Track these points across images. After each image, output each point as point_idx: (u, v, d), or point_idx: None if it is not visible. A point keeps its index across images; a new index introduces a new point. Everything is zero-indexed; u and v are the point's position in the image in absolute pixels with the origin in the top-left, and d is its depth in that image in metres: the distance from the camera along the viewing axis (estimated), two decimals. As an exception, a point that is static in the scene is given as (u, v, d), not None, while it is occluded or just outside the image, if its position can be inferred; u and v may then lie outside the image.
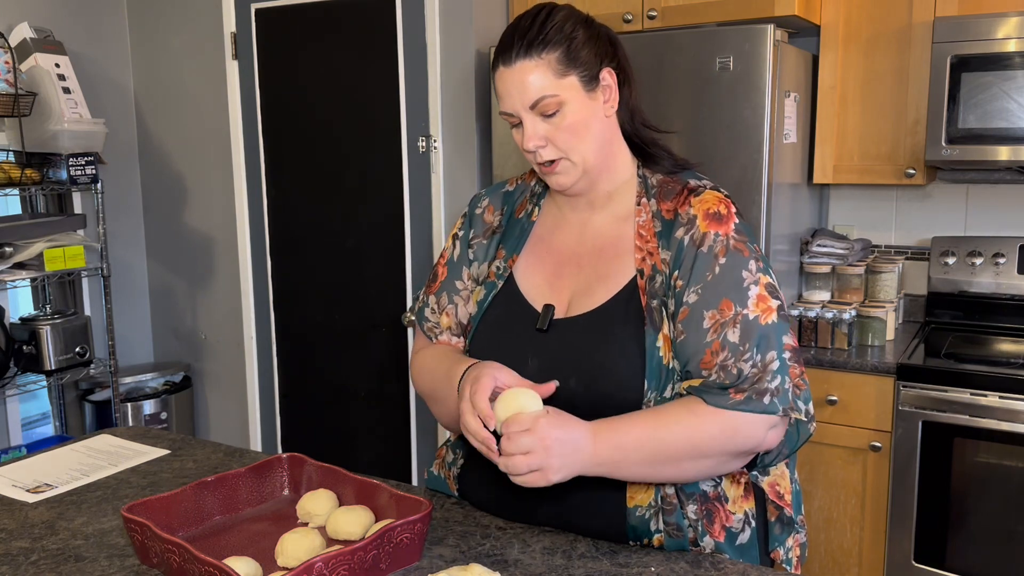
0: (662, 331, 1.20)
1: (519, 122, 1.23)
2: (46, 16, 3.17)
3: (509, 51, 1.21)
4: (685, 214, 1.23)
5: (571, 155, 1.24)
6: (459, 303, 1.39)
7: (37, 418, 3.48)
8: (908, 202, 2.90)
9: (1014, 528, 2.26)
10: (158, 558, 1.14)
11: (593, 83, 1.24)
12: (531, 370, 1.24)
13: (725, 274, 1.18)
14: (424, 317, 1.43)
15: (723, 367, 1.15)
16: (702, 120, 2.42)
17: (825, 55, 2.64)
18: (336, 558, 1.06)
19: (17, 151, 2.97)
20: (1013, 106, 2.33)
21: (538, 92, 1.20)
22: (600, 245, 1.29)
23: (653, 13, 2.61)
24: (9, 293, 3.21)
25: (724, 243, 1.20)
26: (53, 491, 1.47)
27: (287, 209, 3.25)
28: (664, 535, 1.21)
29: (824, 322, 2.56)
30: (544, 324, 1.26)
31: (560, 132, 1.22)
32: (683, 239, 1.22)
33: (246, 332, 3.40)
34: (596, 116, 1.25)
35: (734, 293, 1.17)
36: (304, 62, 3.10)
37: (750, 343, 1.15)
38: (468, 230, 1.42)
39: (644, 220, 1.27)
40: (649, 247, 1.24)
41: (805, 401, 1.18)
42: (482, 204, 1.43)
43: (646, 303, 1.21)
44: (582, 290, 1.27)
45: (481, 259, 1.39)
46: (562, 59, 1.20)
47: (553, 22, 1.21)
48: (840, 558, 2.53)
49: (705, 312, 1.17)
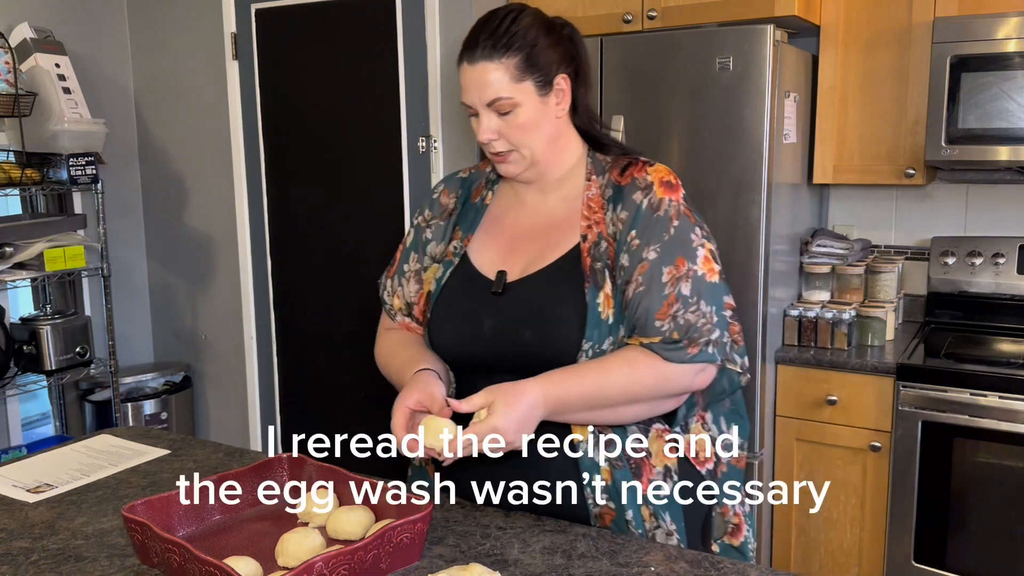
0: (603, 290, 1.31)
1: (475, 114, 1.36)
2: (46, 16, 3.17)
3: (474, 49, 1.32)
4: (642, 179, 1.35)
5: (521, 149, 1.35)
6: (405, 284, 1.51)
7: (37, 418, 3.48)
8: (908, 202, 2.90)
9: (1014, 528, 2.26)
10: (158, 558, 1.14)
11: (547, 88, 1.34)
12: (487, 330, 1.35)
13: (679, 235, 1.32)
14: (384, 300, 1.56)
15: (674, 317, 1.28)
16: (702, 120, 2.42)
17: (825, 55, 2.64)
18: (336, 558, 1.06)
19: (17, 151, 2.97)
20: (1013, 106, 2.33)
21: (495, 93, 1.31)
22: (551, 222, 1.40)
23: (653, 13, 2.62)
24: (9, 293, 3.21)
25: (677, 208, 1.33)
26: (53, 491, 1.47)
27: (287, 209, 3.25)
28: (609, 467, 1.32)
29: (824, 322, 2.56)
30: (499, 287, 1.36)
31: (512, 129, 1.34)
32: (642, 202, 1.33)
33: (246, 332, 3.40)
34: (547, 117, 1.36)
35: (686, 252, 1.31)
36: (304, 62, 3.10)
37: (699, 296, 1.29)
38: (421, 215, 1.54)
39: (593, 193, 1.38)
40: (595, 217, 1.36)
41: (741, 355, 1.34)
42: (439, 190, 1.54)
43: (589, 264, 1.33)
44: (532, 259, 1.38)
45: (439, 239, 1.49)
46: (521, 64, 1.31)
47: (518, 27, 1.31)
48: (840, 558, 2.53)
49: (663, 268, 1.30)
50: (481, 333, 1.35)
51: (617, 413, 1.30)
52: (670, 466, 1.36)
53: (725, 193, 2.41)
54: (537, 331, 1.31)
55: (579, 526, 1.30)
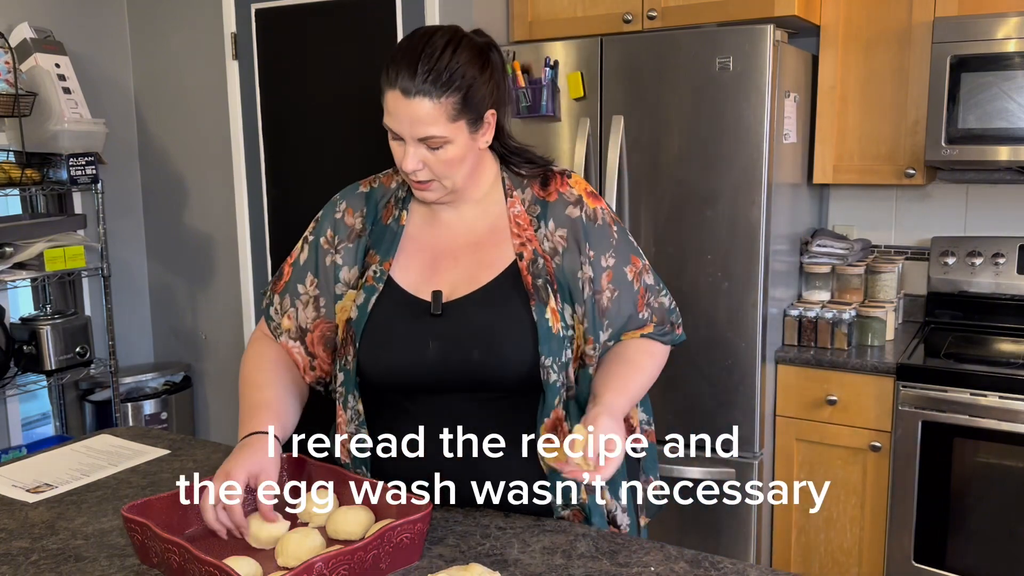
0: (549, 304, 1.33)
1: (399, 139, 1.29)
2: (46, 16, 3.17)
3: (411, 81, 1.23)
4: (569, 193, 1.39)
5: (443, 180, 1.32)
6: (299, 307, 1.44)
7: (37, 418, 3.48)
8: (908, 202, 2.90)
9: (1014, 528, 2.26)
10: (158, 558, 1.14)
11: (478, 124, 1.31)
12: (432, 353, 1.32)
13: (620, 238, 1.41)
14: (270, 316, 1.48)
15: (650, 305, 1.43)
16: (702, 120, 2.42)
17: (825, 55, 2.64)
18: (336, 558, 1.06)
19: (17, 151, 2.97)
20: (1013, 106, 2.33)
21: (429, 131, 1.26)
22: (474, 238, 1.39)
23: (653, 13, 2.62)
24: (9, 293, 3.21)
25: (609, 215, 1.41)
26: (53, 491, 1.47)
27: (287, 209, 3.25)
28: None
29: (824, 322, 2.56)
30: (438, 308, 1.34)
31: (439, 163, 1.29)
32: (579, 216, 1.38)
33: (246, 332, 3.39)
34: (472, 151, 1.33)
35: (632, 249, 1.42)
36: (304, 62, 3.10)
37: (656, 282, 1.46)
38: (319, 236, 1.45)
39: (519, 211, 1.38)
40: (526, 235, 1.37)
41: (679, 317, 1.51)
42: (340, 208, 1.47)
43: (531, 282, 1.34)
44: (463, 278, 1.36)
45: (351, 263, 1.42)
46: (458, 104, 1.26)
47: (458, 64, 1.25)
48: (840, 558, 2.53)
49: (624, 268, 1.39)
50: (424, 357, 1.31)
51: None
52: None
53: (725, 193, 2.41)
54: (486, 351, 1.30)
55: (579, 526, 1.30)
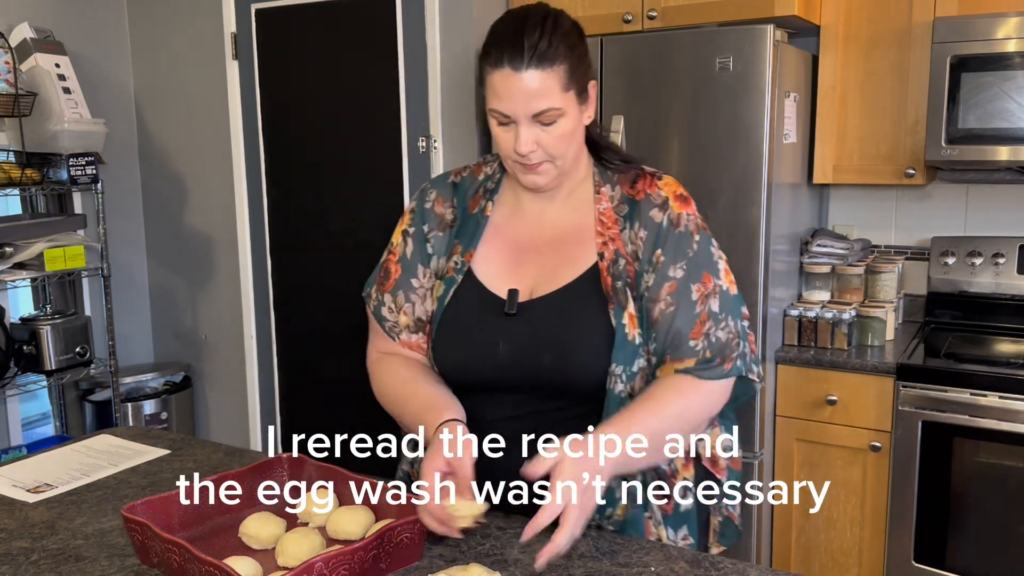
0: (627, 310, 1.28)
1: (509, 123, 1.25)
2: (46, 16, 3.17)
3: (519, 56, 1.20)
4: (656, 195, 1.32)
5: (556, 160, 1.28)
6: (416, 301, 1.41)
7: (37, 418, 3.48)
8: (908, 202, 2.90)
9: (1014, 528, 2.26)
10: (158, 558, 1.14)
11: (584, 95, 1.28)
12: (502, 353, 1.29)
13: (701, 250, 1.30)
14: (383, 316, 1.45)
15: (707, 335, 1.27)
16: (702, 120, 2.42)
17: (825, 55, 2.64)
18: (336, 558, 1.06)
19: (17, 151, 2.97)
20: (1013, 106, 2.33)
21: (546, 104, 1.22)
22: (559, 234, 1.35)
23: (653, 13, 2.61)
24: (9, 293, 3.21)
25: (695, 222, 1.32)
26: (53, 491, 1.47)
27: (287, 209, 3.25)
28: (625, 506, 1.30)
29: (824, 322, 2.56)
30: (512, 308, 1.30)
31: (552, 139, 1.26)
32: (661, 220, 1.30)
33: (246, 332, 3.40)
34: (580, 126, 1.30)
35: (710, 267, 1.30)
36: (304, 62, 3.10)
37: (726, 312, 1.29)
38: (420, 225, 1.43)
39: (605, 207, 1.33)
40: (611, 233, 1.31)
41: (757, 364, 1.34)
42: (430, 197, 1.44)
43: (611, 284, 1.28)
44: (544, 275, 1.32)
45: (441, 253, 1.40)
46: (568, 73, 1.23)
47: (560, 35, 1.23)
48: (840, 558, 2.53)
49: (692, 285, 1.28)
50: (495, 358, 1.29)
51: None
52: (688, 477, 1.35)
53: (725, 193, 2.41)
54: (559, 356, 1.26)
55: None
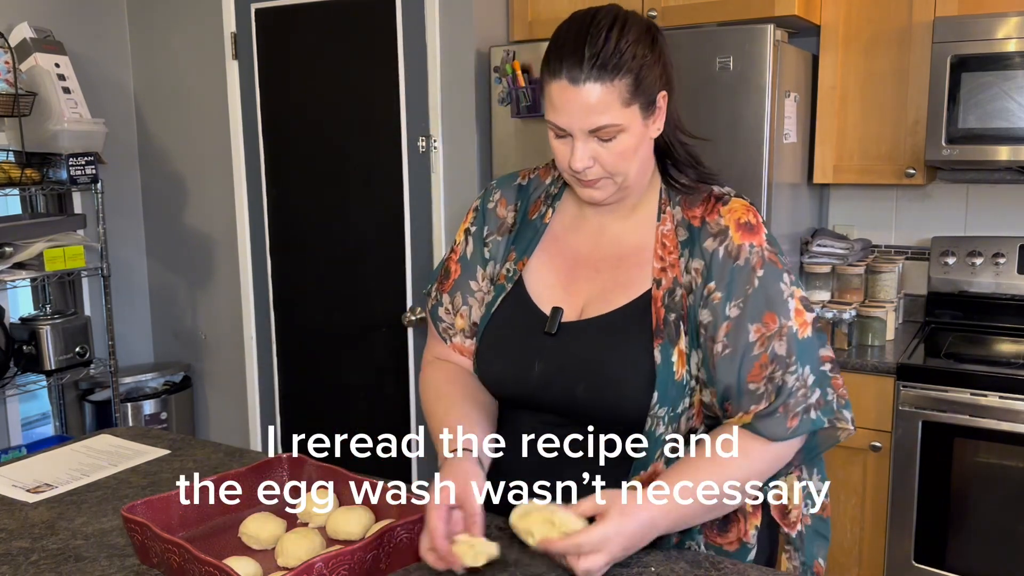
0: (678, 345, 1.18)
1: (565, 135, 1.18)
2: (46, 16, 3.16)
3: (578, 68, 1.13)
4: (715, 223, 1.21)
5: (615, 176, 1.21)
6: (473, 305, 1.36)
7: (37, 418, 3.48)
8: (908, 202, 2.90)
9: (1014, 528, 2.26)
10: (158, 558, 1.14)
11: (651, 108, 1.19)
12: (536, 374, 1.24)
13: (764, 287, 1.17)
14: (439, 317, 1.40)
15: (770, 379, 1.15)
16: (702, 120, 2.42)
17: (825, 55, 2.64)
18: (336, 558, 1.06)
19: (17, 151, 2.96)
20: (1013, 106, 2.33)
21: (605, 120, 1.15)
22: (619, 252, 1.27)
23: (653, 13, 2.61)
24: (9, 293, 3.21)
25: (760, 255, 1.18)
26: (53, 491, 1.47)
27: (287, 209, 3.25)
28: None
29: (824, 322, 2.56)
30: (552, 328, 1.24)
31: (611, 155, 1.18)
32: (717, 250, 1.19)
33: (246, 332, 3.39)
34: (645, 140, 1.21)
35: (776, 306, 1.17)
36: (304, 62, 3.10)
37: (795, 356, 1.16)
38: (482, 225, 1.38)
39: (668, 229, 1.24)
40: (670, 259, 1.22)
41: (847, 409, 1.21)
42: (494, 198, 1.38)
43: (663, 315, 1.19)
44: (596, 295, 1.25)
45: (497, 259, 1.35)
46: (631, 87, 1.15)
47: (627, 43, 1.14)
48: (840, 558, 2.53)
49: (750, 326, 1.16)
50: (530, 376, 1.24)
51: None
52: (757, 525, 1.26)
53: (725, 193, 2.41)
54: (592, 389, 1.19)
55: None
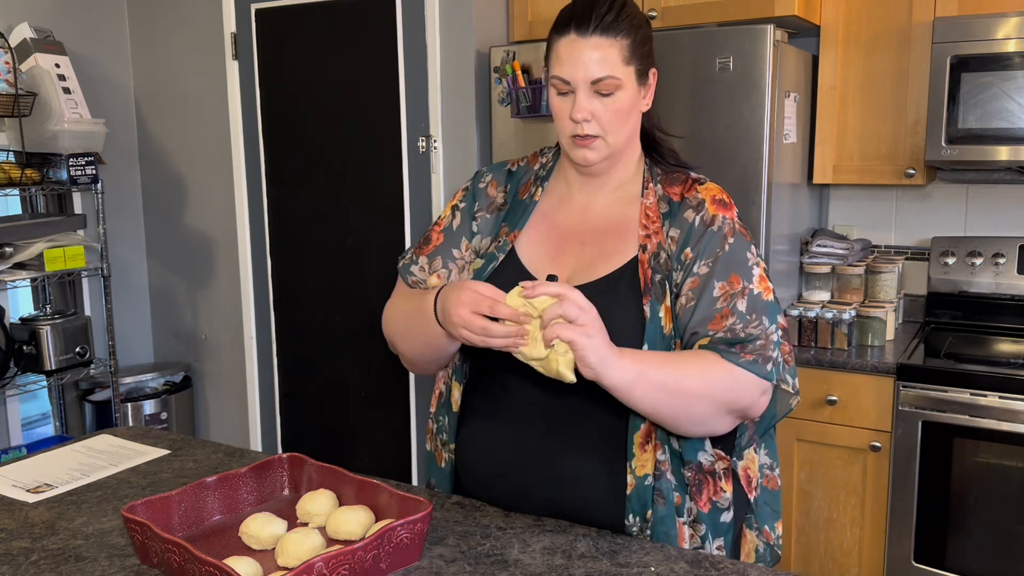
0: (664, 303, 1.28)
1: (569, 91, 1.29)
2: (46, 16, 3.17)
3: (586, 23, 1.26)
4: (693, 198, 1.33)
5: (608, 136, 1.30)
6: (453, 269, 1.43)
7: (37, 418, 3.48)
8: (908, 202, 2.90)
9: (1014, 528, 2.26)
10: (158, 558, 1.14)
11: (644, 78, 1.32)
12: None
13: (733, 252, 1.28)
14: (410, 271, 1.46)
15: (731, 329, 1.24)
16: (702, 120, 2.42)
17: (825, 55, 2.64)
18: (336, 558, 1.06)
19: (17, 151, 2.97)
20: (1013, 106, 2.33)
21: (606, 71, 1.26)
22: (603, 225, 1.36)
23: (653, 13, 2.61)
24: (9, 293, 3.21)
25: (732, 226, 1.30)
26: (53, 491, 1.47)
27: (287, 209, 3.25)
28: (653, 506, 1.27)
29: (824, 322, 2.56)
30: None
31: (608, 112, 1.29)
32: (694, 219, 1.30)
33: (246, 332, 3.40)
34: (637, 107, 1.33)
35: (742, 270, 1.27)
36: (305, 62, 3.10)
37: (757, 313, 1.25)
38: (472, 202, 1.46)
39: (651, 203, 1.34)
40: (654, 227, 1.32)
41: (792, 376, 1.31)
42: (485, 179, 1.47)
43: (650, 276, 1.28)
44: (584, 265, 1.33)
45: (485, 233, 1.43)
46: (631, 47, 1.28)
47: (627, 14, 1.28)
48: (840, 558, 2.53)
49: (715, 283, 1.26)
50: None
51: (685, 403, 1.20)
52: (727, 490, 1.31)
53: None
54: None
55: (580, 526, 1.29)
